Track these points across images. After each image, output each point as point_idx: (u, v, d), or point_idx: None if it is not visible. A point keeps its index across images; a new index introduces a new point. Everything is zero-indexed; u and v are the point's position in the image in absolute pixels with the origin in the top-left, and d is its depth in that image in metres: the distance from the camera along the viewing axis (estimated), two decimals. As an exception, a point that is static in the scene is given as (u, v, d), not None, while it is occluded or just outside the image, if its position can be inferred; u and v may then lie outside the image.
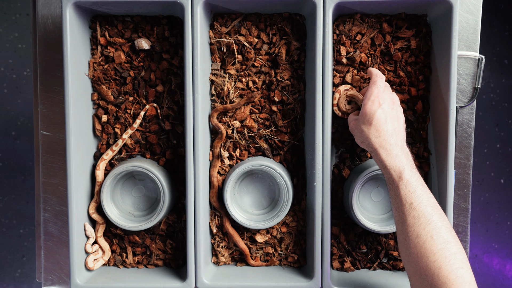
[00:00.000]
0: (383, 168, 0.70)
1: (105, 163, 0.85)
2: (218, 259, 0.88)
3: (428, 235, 0.62)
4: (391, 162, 0.69)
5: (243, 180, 0.87)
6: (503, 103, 1.90)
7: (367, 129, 0.71)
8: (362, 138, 0.72)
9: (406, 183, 0.67)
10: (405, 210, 0.65)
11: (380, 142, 0.70)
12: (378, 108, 0.71)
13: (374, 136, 0.70)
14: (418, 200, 0.65)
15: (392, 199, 0.69)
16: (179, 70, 0.85)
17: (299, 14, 0.84)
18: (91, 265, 0.84)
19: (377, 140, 0.70)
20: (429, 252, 0.61)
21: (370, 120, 0.70)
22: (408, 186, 0.66)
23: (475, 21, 0.87)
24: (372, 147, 0.71)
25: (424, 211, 0.64)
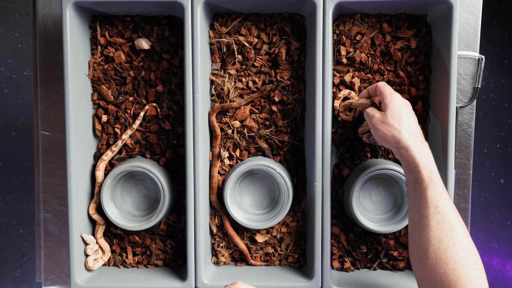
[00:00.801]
0: (414, 167, 0.66)
1: (105, 164, 0.85)
2: (218, 259, 0.88)
3: (451, 241, 0.61)
4: (425, 162, 0.65)
5: (243, 180, 0.87)
6: (503, 103, 1.90)
7: (398, 124, 0.68)
8: (391, 134, 0.68)
9: (435, 185, 0.64)
10: (430, 213, 0.63)
11: (414, 139, 0.67)
12: (405, 103, 0.70)
13: (407, 131, 0.67)
14: (444, 204, 0.63)
15: (413, 200, 0.66)
16: (179, 70, 0.85)
17: (299, 14, 0.84)
18: (91, 265, 0.84)
19: (410, 136, 0.67)
20: (449, 259, 0.60)
21: (400, 115, 0.68)
22: (436, 189, 0.64)
23: (475, 21, 0.87)
24: (403, 143, 0.67)
25: (448, 217, 0.63)
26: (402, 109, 0.69)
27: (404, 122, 0.68)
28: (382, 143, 0.71)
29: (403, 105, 0.70)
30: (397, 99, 0.70)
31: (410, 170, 0.67)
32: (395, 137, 0.68)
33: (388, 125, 0.69)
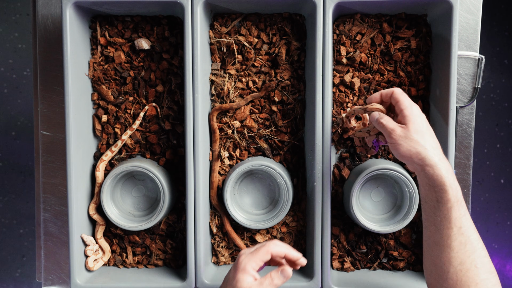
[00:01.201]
0: (440, 185, 0.60)
1: (105, 164, 0.85)
2: (218, 259, 0.88)
3: (473, 263, 0.60)
4: (451, 180, 0.61)
5: (243, 180, 0.87)
6: (503, 103, 1.90)
7: (422, 140, 0.62)
8: (416, 151, 0.62)
9: (460, 205, 0.61)
10: (452, 234, 0.61)
11: (439, 156, 0.62)
12: (424, 115, 0.65)
13: (432, 147, 0.62)
14: (467, 224, 0.61)
15: (433, 219, 0.63)
16: (179, 70, 0.85)
17: (299, 14, 0.84)
18: (91, 266, 0.84)
19: (436, 152, 0.62)
20: (471, 281, 0.59)
21: (423, 129, 0.63)
22: (461, 209, 0.61)
23: (475, 21, 0.87)
24: (429, 160, 0.61)
25: (471, 238, 0.61)
26: (424, 123, 0.64)
27: (428, 137, 0.63)
28: (403, 160, 0.64)
29: (424, 117, 0.65)
30: (417, 111, 0.64)
31: (434, 189, 0.61)
32: (421, 154, 0.61)
33: (412, 140, 0.62)
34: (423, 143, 0.61)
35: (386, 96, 0.69)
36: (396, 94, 0.66)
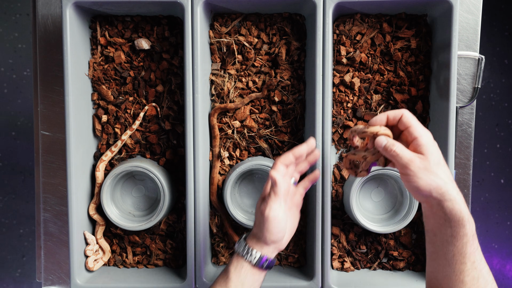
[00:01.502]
0: (458, 221, 0.57)
1: (105, 164, 0.85)
2: (218, 259, 0.88)
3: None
4: (469, 215, 0.57)
5: (243, 180, 0.87)
6: (503, 103, 1.90)
7: (443, 172, 0.57)
8: (436, 185, 0.57)
9: (474, 239, 0.58)
10: (466, 269, 0.58)
11: (457, 189, 0.58)
12: (437, 144, 0.60)
13: (451, 180, 0.57)
14: (479, 258, 0.59)
15: (444, 253, 0.59)
16: (179, 70, 0.85)
17: (299, 14, 0.84)
18: (91, 266, 0.84)
19: (454, 185, 0.58)
20: None
21: (441, 160, 0.58)
22: (475, 243, 0.58)
23: (475, 21, 0.87)
24: (449, 195, 0.57)
25: (483, 271, 0.59)
26: (440, 152, 0.59)
27: (446, 168, 0.58)
28: (420, 194, 0.58)
29: (437, 145, 0.59)
30: (432, 139, 0.59)
31: (450, 224, 0.57)
32: (441, 188, 0.56)
33: (432, 173, 0.56)
34: (443, 176, 0.57)
35: (394, 119, 0.61)
36: (406, 118, 0.59)
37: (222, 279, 0.63)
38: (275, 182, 0.61)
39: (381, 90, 0.85)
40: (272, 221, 0.61)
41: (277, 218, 0.61)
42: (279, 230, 0.61)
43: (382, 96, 0.85)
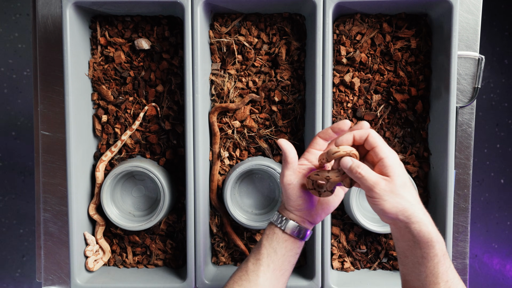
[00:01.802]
0: (427, 242, 0.56)
1: (105, 165, 0.85)
2: (218, 259, 0.88)
3: None
4: (437, 235, 0.57)
5: (243, 180, 0.87)
6: (503, 103, 1.90)
7: (409, 194, 0.56)
8: (402, 207, 0.55)
9: (445, 258, 0.58)
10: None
11: (423, 209, 0.57)
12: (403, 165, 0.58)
13: (417, 202, 0.57)
14: (452, 276, 0.59)
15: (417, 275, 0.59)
16: (179, 70, 0.85)
17: (299, 14, 0.84)
18: (91, 266, 0.84)
19: (420, 206, 0.57)
20: None
21: (407, 181, 0.57)
22: (446, 262, 0.58)
23: (475, 21, 0.87)
24: (416, 217, 0.55)
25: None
26: (406, 174, 0.57)
27: (412, 190, 0.57)
28: (386, 216, 0.56)
29: (403, 166, 0.58)
30: (399, 160, 0.58)
31: (420, 246, 0.56)
32: (408, 210, 0.55)
33: (398, 196, 0.55)
34: (409, 198, 0.55)
35: (360, 138, 0.58)
36: (372, 138, 0.57)
37: (256, 247, 0.63)
38: (283, 149, 0.61)
39: (381, 90, 0.85)
40: (287, 188, 0.61)
41: (291, 185, 0.61)
42: (296, 196, 0.61)
43: (382, 96, 0.85)
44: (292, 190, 0.61)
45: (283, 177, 0.62)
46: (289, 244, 0.62)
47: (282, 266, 0.62)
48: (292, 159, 0.61)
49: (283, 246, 0.62)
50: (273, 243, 0.62)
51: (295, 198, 0.61)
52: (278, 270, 0.61)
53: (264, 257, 0.62)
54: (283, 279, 0.62)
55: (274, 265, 0.61)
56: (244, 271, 0.62)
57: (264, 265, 0.61)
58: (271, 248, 0.62)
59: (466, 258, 0.90)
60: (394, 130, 0.85)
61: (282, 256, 0.62)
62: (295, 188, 0.61)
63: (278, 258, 0.62)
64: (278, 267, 0.61)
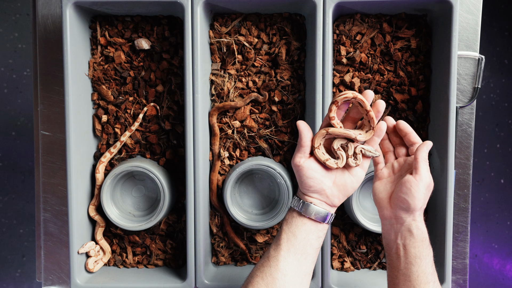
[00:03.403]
0: (424, 240, 0.63)
1: (104, 166, 0.85)
2: (218, 259, 0.88)
3: None
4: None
5: (243, 180, 0.87)
6: (503, 103, 1.90)
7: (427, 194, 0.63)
8: (423, 203, 0.63)
9: (433, 260, 0.64)
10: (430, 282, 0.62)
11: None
12: None
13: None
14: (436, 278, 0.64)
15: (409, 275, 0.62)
16: (179, 70, 0.85)
17: (299, 14, 0.84)
18: (92, 267, 0.84)
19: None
20: None
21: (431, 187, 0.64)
22: (433, 263, 0.64)
23: (475, 21, 0.87)
24: (421, 215, 0.64)
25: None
26: None
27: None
28: (400, 208, 0.62)
29: None
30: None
31: (415, 244, 0.62)
32: (421, 208, 0.63)
33: (426, 193, 0.63)
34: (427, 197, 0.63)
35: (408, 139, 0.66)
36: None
37: (277, 233, 0.63)
38: (300, 131, 0.62)
39: (381, 90, 0.85)
40: (297, 169, 0.62)
41: (300, 166, 0.61)
42: (305, 177, 0.61)
43: (382, 96, 0.85)
44: (302, 171, 0.62)
45: (294, 158, 0.62)
46: (308, 227, 0.62)
47: (304, 250, 0.61)
48: (305, 143, 0.62)
49: (302, 229, 0.61)
50: (292, 227, 0.62)
51: (305, 178, 0.62)
52: (300, 254, 0.61)
53: (284, 242, 0.61)
54: (306, 263, 0.61)
55: (295, 249, 0.61)
56: (266, 258, 0.62)
57: (284, 250, 0.61)
58: (290, 233, 0.62)
59: (466, 258, 0.90)
60: (394, 130, 0.86)
61: (302, 239, 0.61)
62: (304, 169, 0.61)
63: (298, 242, 0.61)
64: (300, 251, 0.61)
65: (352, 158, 0.62)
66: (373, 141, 0.63)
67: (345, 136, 0.61)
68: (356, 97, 0.60)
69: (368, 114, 0.60)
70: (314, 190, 0.62)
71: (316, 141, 0.62)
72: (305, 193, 0.63)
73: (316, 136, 0.62)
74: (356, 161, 0.62)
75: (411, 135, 0.65)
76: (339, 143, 0.62)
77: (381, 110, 0.62)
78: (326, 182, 0.62)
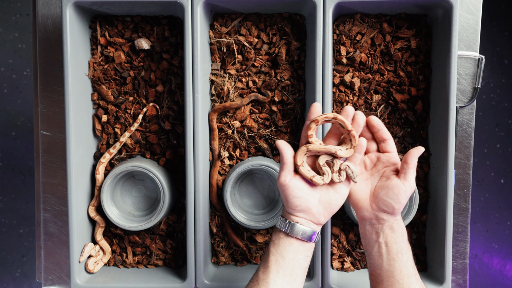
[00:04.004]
0: (404, 234, 0.65)
1: (104, 167, 0.85)
2: (218, 259, 0.88)
3: None
4: None
5: (243, 180, 0.87)
6: (503, 103, 1.90)
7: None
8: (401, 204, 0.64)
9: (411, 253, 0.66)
10: (413, 281, 0.63)
11: None
12: None
13: None
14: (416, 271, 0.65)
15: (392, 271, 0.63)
16: (179, 70, 0.85)
17: (299, 14, 0.84)
18: (92, 268, 0.84)
19: None
20: None
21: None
22: (412, 257, 0.66)
23: (475, 21, 0.87)
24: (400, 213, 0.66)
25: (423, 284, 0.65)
26: None
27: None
28: (383, 210, 0.64)
29: None
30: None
31: (397, 240, 0.64)
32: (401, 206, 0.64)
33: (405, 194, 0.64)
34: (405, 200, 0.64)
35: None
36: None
37: (265, 255, 0.63)
38: (280, 151, 0.62)
39: (381, 90, 0.85)
40: (283, 188, 0.62)
41: (286, 185, 0.61)
42: (292, 196, 0.61)
43: (382, 96, 0.85)
44: (287, 190, 0.61)
45: (279, 178, 0.62)
46: (296, 247, 0.62)
47: (292, 271, 0.61)
48: (288, 160, 0.62)
49: (290, 250, 0.61)
50: (279, 249, 0.62)
51: (291, 198, 0.61)
52: (289, 275, 0.61)
53: (272, 264, 0.61)
54: (295, 284, 0.62)
55: (284, 271, 0.61)
56: (255, 282, 0.62)
57: (273, 272, 0.60)
58: (278, 254, 0.61)
59: (466, 258, 0.90)
60: (394, 130, 0.85)
61: (291, 260, 0.61)
62: (290, 188, 0.61)
63: (287, 263, 0.61)
64: (289, 272, 0.61)
65: (337, 174, 0.62)
66: (354, 157, 0.63)
67: (326, 152, 0.62)
68: (336, 118, 0.61)
69: (350, 134, 0.61)
70: (300, 209, 0.62)
71: (298, 159, 0.62)
72: (291, 212, 0.62)
73: (298, 154, 0.62)
74: (340, 177, 0.62)
75: (383, 131, 0.65)
76: (324, 159, 0.62)
77: (361, 124, 0.62)
78: (312, 201, 0.62)
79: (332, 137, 0.64)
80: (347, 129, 0.61)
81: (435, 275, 0.82)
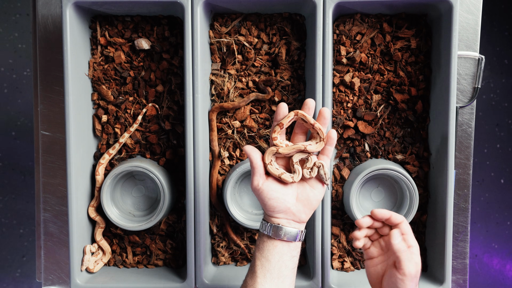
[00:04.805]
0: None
1: (104, 167, 0.85)
2: (218, 259, 0.88)
3: None
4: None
5: (243, 180, 0.87)
6: (503, 103, 1.90)
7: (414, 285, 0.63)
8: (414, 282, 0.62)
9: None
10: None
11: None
12: None
13: None
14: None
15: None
16: (179, 70, 0.85)
17: (299, 14, 0.84)
18: (92, 267, 0.84)
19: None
20: None
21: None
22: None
23: (475, 21, 0.87)
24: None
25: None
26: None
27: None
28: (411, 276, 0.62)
29: None
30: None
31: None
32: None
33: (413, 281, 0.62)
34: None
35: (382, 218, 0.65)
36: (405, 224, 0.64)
37: (251, 261, 0.63)
38: (248, 156, 0.62)
39: (381, 90, 0.85)
40: (257, 193, 0.61)
41: (260, 189, 0.61)
42: (267, 199, 0.61)
43: (382, 96, 0.85)
44: (262, 194, 0.61)
45: (252, 183, 0.62)
46: (280, 249, 0.61)
47: (280, 273, 0.61)
48: (257, 164, 0.61)
49: (275, 252, 0.61)
50: (264, 252, 0.61)
51: (267, 200, 0.61)
52: (276, 278, 0.60)
53: (259, 268, 0.61)
54: (284, 286, 0.61)
55: (271, 274, 0.60)
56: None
57: (260, 277, 0.60)
58: (263, 258, 0.61)
59: (466, 258, 0.90)
60: (394, 130, 0.85)
61: (277, 262, 0.61)
62: (264, 191, 0.61)
63: (273, 266, 0.61)
64: (276, 275, 0.60)
65: (309, 170, 0.61)
66: (326, 150, 0.62)
67: (296, 150, 0.61)
68: (297, 114, 0.60)
69: (314, 127, 0.60)
70: (279, 210, 0.61)
71: (266, 158, 0.61)
72: (270, 215, 0.62)
73: (266, 153, 0.61)
74: (311, 173, 0.61)
75: (392, 217, 0.64)
76: (298, 157, 0.62)
77: (327, 117, 0.61)
78: (289, 200, 0.62)
79: (299, 132, 0.63)
80: (309, 123, 0.60)
81: (435, 275, 0.82)
